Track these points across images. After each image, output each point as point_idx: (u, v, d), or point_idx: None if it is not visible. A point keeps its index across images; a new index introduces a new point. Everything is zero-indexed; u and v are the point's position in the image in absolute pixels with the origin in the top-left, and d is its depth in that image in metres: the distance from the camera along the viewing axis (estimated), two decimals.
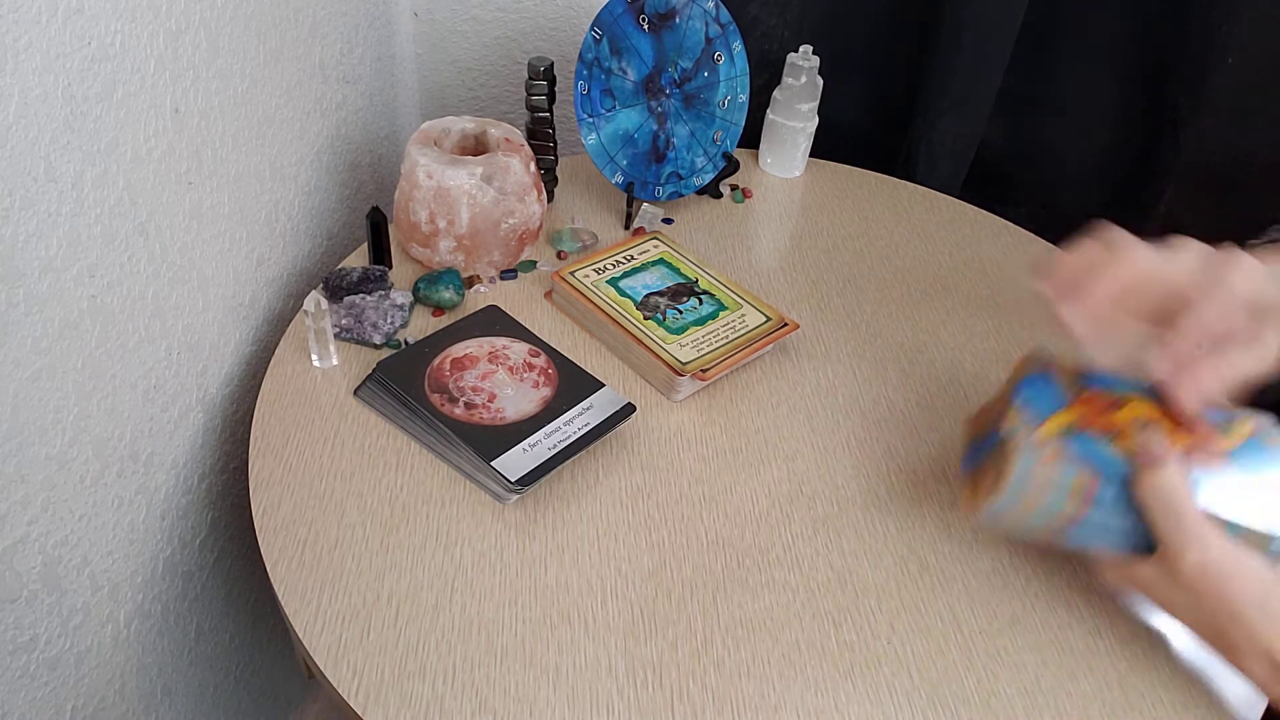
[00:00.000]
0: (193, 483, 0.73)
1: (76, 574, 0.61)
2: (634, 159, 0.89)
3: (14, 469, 0.53)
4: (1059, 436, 0.52)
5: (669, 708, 0.53)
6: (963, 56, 0.96)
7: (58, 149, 0.51)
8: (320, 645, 0.55)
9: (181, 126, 0.63)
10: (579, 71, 0.84)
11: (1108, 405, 0.53)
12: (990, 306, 0.85)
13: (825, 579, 0.61)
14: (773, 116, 0.97)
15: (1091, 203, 1.07)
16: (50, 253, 0.52)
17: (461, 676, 0.54)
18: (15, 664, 0.57)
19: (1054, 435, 0.52)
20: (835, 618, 0.59)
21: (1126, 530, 0.52)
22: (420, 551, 0.60)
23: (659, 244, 0.84)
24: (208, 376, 0.72)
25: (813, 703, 0.54)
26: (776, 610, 0.59)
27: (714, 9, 0.87)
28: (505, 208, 0.78)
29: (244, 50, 0.69)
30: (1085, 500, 0.52)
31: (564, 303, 0.80)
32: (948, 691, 0.55)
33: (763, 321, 0.77)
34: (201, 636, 0.79)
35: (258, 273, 0.77)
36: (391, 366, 0.69)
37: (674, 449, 0.69)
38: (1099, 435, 0.52)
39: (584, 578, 0.60)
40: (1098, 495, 0.51)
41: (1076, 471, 0.52)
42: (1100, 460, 0.52)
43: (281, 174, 0.78)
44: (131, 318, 0.61)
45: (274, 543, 0.60)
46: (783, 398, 0.74)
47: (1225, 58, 0.91)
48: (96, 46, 0.53)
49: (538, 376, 0.70)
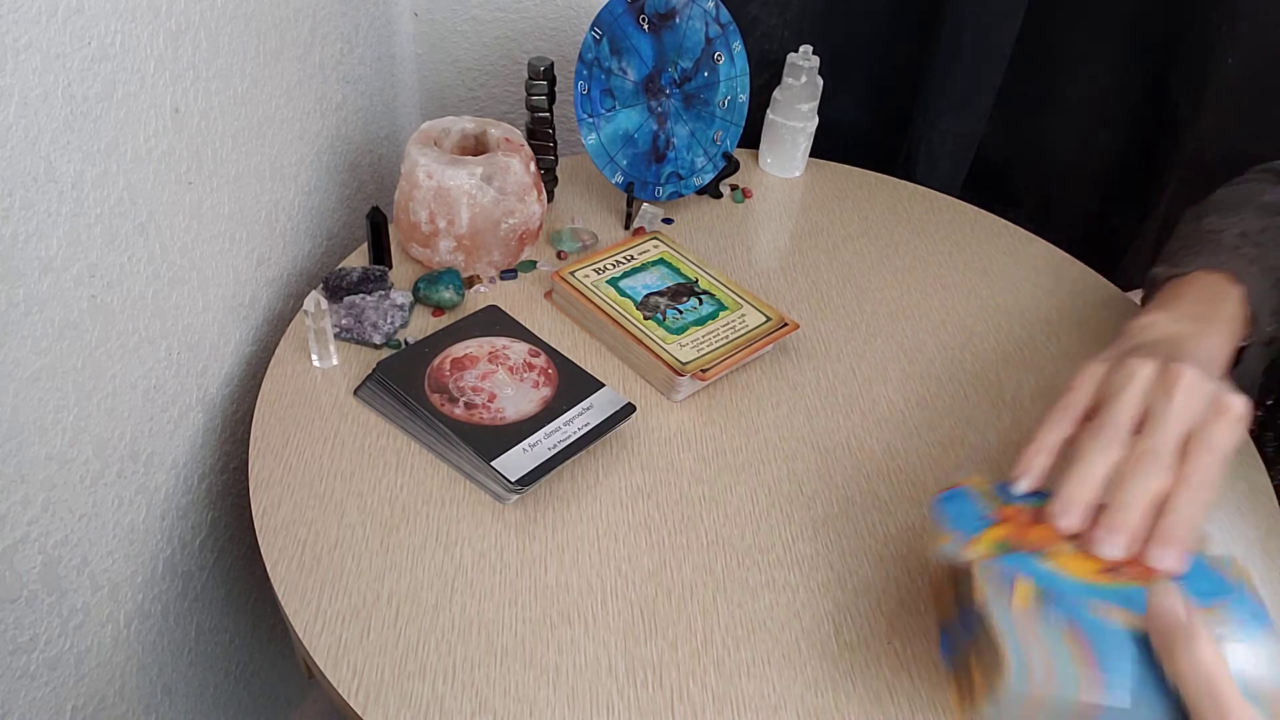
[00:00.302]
0: (193, 483, 0.73)
1: (76, 574, 0.61)
2: (634, 159, 0.89)
3: (14, 469, 0.53)
4: (993, 548, 0.48)
5: (669, 708, 0.53)
6: (963, 56, 0.96)
7: (58, 149, 0.51)
8: (320, 645, 0.55)
9: (181, 126, 0.63)
10: (579, 71, 0.84)
11: (1029, 519, 0.50)
12: (990, 306, 0.85)
13: (825, 579, 0.61)
14: (773, 116, 0.97)
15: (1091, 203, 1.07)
16: (50, 253, 0.52)
17: (461, 676, 0.54)
18: (15, 664, 0.57)
19: (987, 548, 0.48)
20: (835, 618, 0.59)
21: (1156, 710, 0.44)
22: (420, 551, 0.60)
23: (659, 244, 0.84)
24: (208, 376, 0.72)
25: (813, 703, 0.54)
26: (776, 610, 0.59)
27: (714, 9, 0.87)
28: (505, 208, 0.78)
29: (244, 50, 0.69)
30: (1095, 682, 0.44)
31: (564, 303, 0.80)
32: (948, 691, 0.55)
33: (763, 321, 0.77)
34: (201, 636, 0.79)
35: (258, 273, 0.77)
36: (391, 366, 0.69)
37: (674, 449, 0.69)
38: (1032, 552, 0.48)
39: (584, 578, 0.60)
40: (1107, 681, 0.44)
41: (1063, 634, 0.45)
42: (1080, 616, 0.45)
43: (281, 174, 0.78)
44: (131, 318, 0.61)
45: (274, 543, 0.60)
46: (783, 398, 0.74)
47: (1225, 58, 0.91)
48: (96, 46, 0.53)
49: (538, 376, 0.70)
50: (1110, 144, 1.02)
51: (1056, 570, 0.47)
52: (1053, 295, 0.87)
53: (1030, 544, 0.49)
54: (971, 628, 0.48)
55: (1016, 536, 0.49)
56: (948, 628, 0.52)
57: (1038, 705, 0.44)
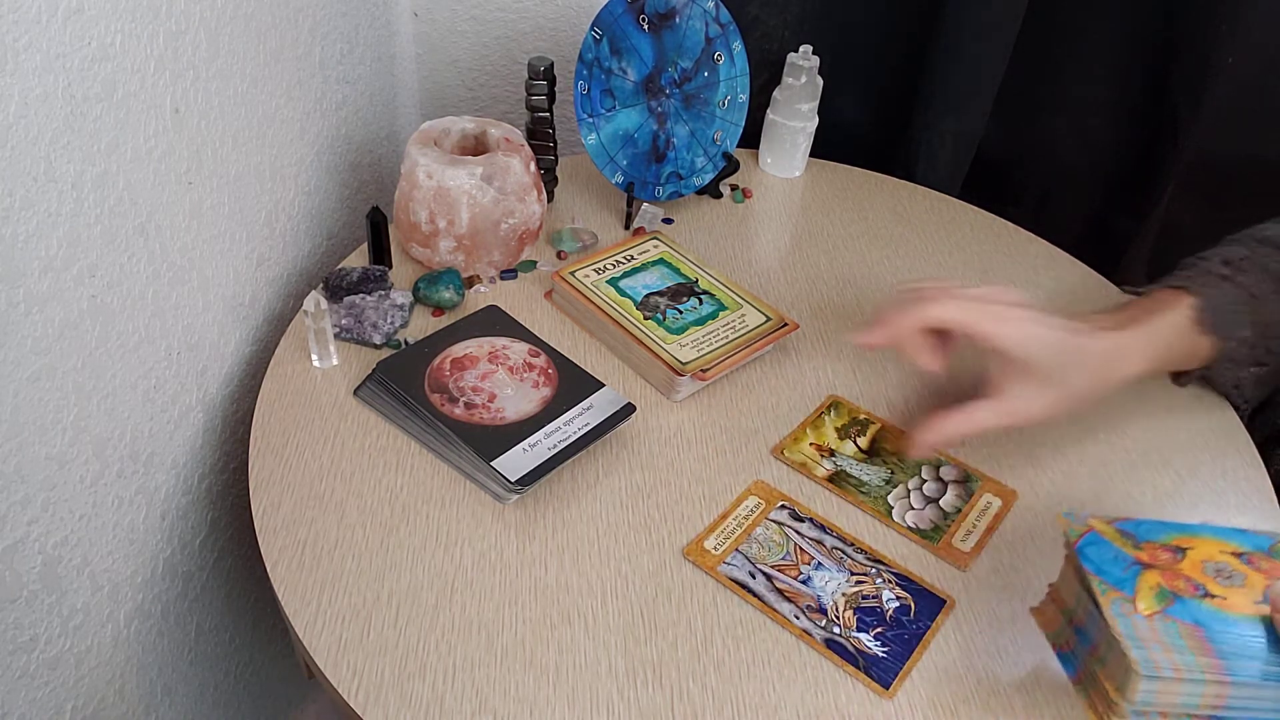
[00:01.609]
0: (193, 483, 0.73)
1: (76, 574, 0.61)
2: (634, 159, 0.89)
3: (14, 469, 0.53)
4: (1156, 601, 0.51)
5: (669, 708, 0.53)
6: (962, 56, 0.96)
7: (58, 149, 0.51)
8: (320, 645, 0.55)
9: (181, 126, 0.63)
10: (579, 71, 0.84)
11: (1170, 556, 0.53)
12: None
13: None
14: (773, 116, 0.97)
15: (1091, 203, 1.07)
16: (50, 253, 0.52)
17: (461, 676, 0.54)
18: (15, 664, 0.57)
19: (1151, 602, 0.51)
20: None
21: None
22: (420, 551, 0.60)
23: (659, 244, 0.84)
24: (208, 376, 0.72)
25: (813, 703, 0.54)
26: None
27: (714, 9, 0.87)
28: (505, 208, 0.78)
29: (244, 50, 0.69)
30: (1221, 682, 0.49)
31: (564, 303, 0.80)
32: (948, 691, 0.55)
33: (763, 321, 0.77)
34: (201, 636, 0.79)
35: (258, 273, 0.77)
36: (391, 366, 0.69)
37: (674, 449, 0.69)
38: (1190, 594, 0.51)
39: (584, 578, 0.60)
40: (1231, 671, 0.49)
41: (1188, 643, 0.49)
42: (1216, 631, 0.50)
43: (281, 174, 0.78)
44: (131, 318, 0.61)
45: (274, 543, 0.60)
46: (783, 398, 0.74)
47: (1225, 58, 0.91)
48: (96, 46, 0.53)
49: (538, 376, 0.70)
50: (1110, 144, 1.02)
51: (1221, 612, 0.50)
52: (1053, 295, 0.87)
53: (1185, 583, 0.52)
54: (1091, 641, 0.52)
55: (1170, 579, 0.52)
56: (1064, 648, 0.55)
57: (1172, 697, 0.48)
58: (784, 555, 0.61)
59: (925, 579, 0.61)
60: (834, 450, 0.69)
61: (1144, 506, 0.67)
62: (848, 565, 0.61)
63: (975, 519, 0.65)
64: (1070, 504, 0.67)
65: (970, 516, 0.65)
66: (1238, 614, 0.50)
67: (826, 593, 0.59)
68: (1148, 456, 0.71)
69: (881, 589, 0.60)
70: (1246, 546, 0.54)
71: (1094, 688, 0.52)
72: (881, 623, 0.58)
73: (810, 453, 0.69)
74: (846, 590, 0.59)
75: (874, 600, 0.59)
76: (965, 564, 0.62)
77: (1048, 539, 0.64)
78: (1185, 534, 0.55)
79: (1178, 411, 0.75)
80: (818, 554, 0.61)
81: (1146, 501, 0.68)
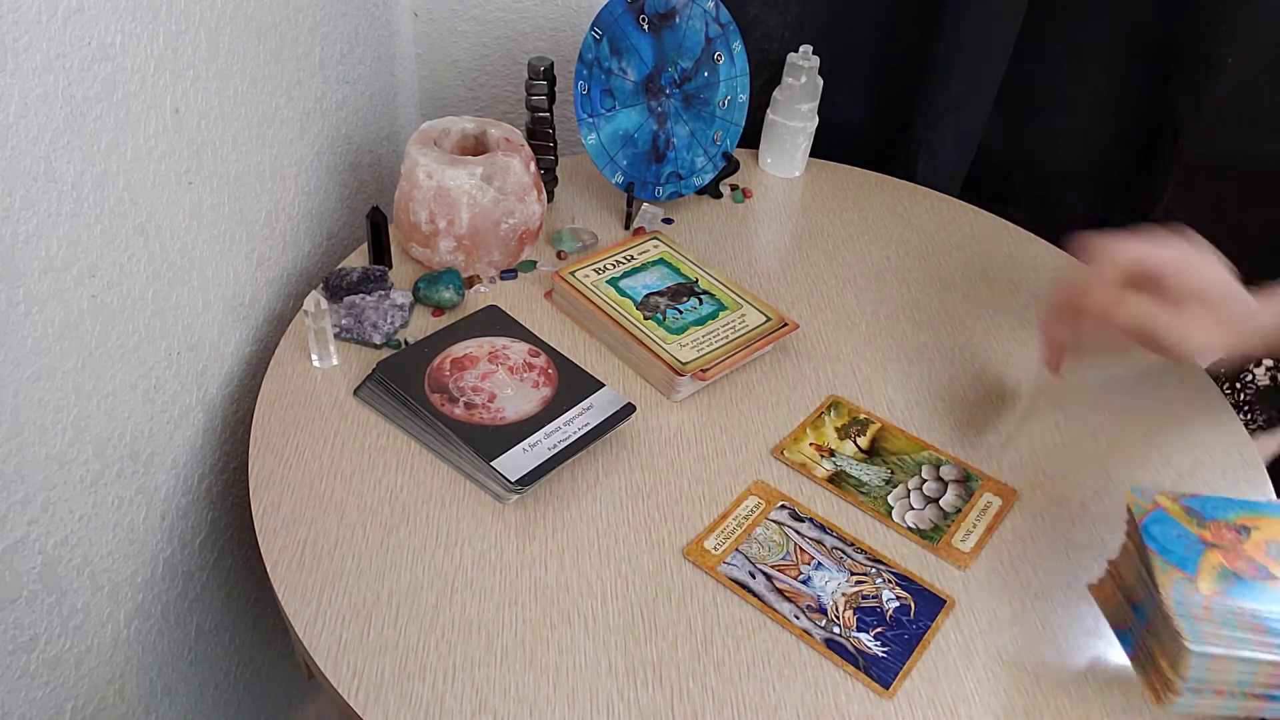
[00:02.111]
0: (193, 483, 0.73)
1: (76, 574, 0.61)
2: (634, 159, 0.89)
3: (14, 469, 0.53)
4: (1217, 582, 0.51)
5: (669, 708, 0.53)
6: (963, 56, 0.96)
7: (58, 149, 0.51)
8: (320, 645, 0.55)
9: (181, 126, 0.63)
10: (579, 71, 0.84)
11: (1235, 536, 0.53)
12: (991, 306, 0.85)
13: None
14: (773, 116, 0.97)
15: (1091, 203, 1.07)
16: (50, 253, 0.52)
17: (461, 676, 0.54)
18: (15, 664, 0.57)
19: (1212, 582, 0.51)
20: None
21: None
22: (420, 551, 0.60)
23: (659, 244, 0.84)
24: (208, 376, 0.72)
25: (813, 703, 0.54)
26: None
27: (714, 9, 0.87)
28: (505, 208, 0.78)
29: (244, 50, 0.69)
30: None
31: (564, 303, 0.80)
32: (948, 691, 0.55)
33: (763, 321, 0.77)
34: (201, 636, 0.79)
35: (258, 273, 0.77)
36: (391, 366, 0.69)
37: (674, 449, 0.69)
38: (1251, 576, 0.52)
39: (584, 578, 0.60)
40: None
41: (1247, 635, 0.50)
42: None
43: (281, 174, 0.78)
44: (131, 318, 0.61)
45: (274, 543, 0.60)
46: (783, 398, 0.74)
47: (1225, 58, 0.91)
48: (96, 46, 0.53)
49: (538, 376, 0.70)
50: (1110, 144, 1.02)
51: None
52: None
53: (1246, 564, 0.52)
54: (1148, 619, 0.52)
55: (1232, 559, 0.52)
56: (1121, 626, 0.55)
57: (1227, 674, 0.49)
58: (784, 555, 0.61)
59: (925, 579, 0.61)
60: (834, 450, 0.69)
61: None
62: (848, 565, 0.61)
63: (975, 519, 0.65)
64: (1070, 504, 0.67)
65: (970, 516, 0.65)
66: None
67: (826, 593, 0.59)
68: (1148, 456, 0.71)
69: (881, 589, 0.60)
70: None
71: (1151, 665, 0.52)
72: (881, 623, 0.58)
73: (810, 453, 0.69)
74: (847, 590, 0.59)
75: (874, 600, 0.59)
76: (965, 564, 0.62)
77: (1048, 539, 0.64)
78: (1252, 513, 0.55)
79: (1178, 411, 0.75)
80: (818, 554, 0.61)
81: None
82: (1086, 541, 0.64)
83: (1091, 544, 0.64)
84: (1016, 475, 0.69)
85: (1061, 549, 0.64)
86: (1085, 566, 0.62)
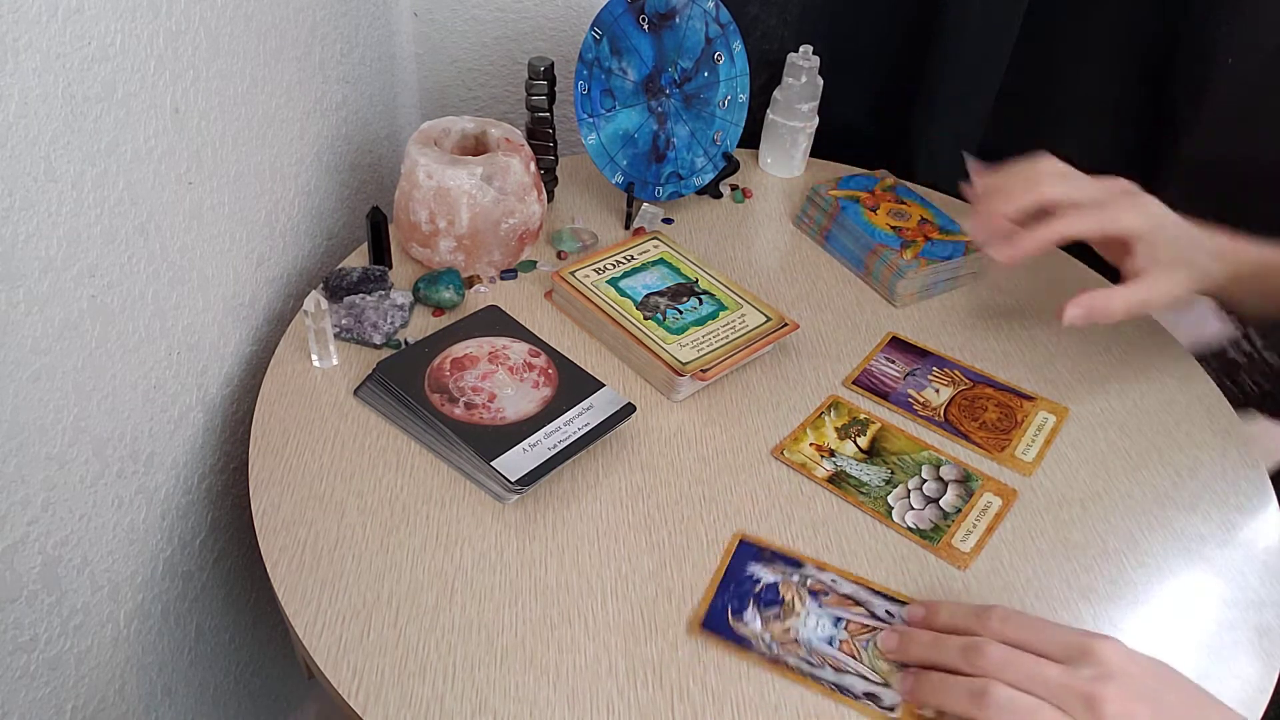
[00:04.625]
0: (193, 483, 0.73)
1: (76, 574, 0.61)
2: (634, 159, 0.89)
3: (14, 469, 0.53)
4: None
5: (669, 708, 0.53)
6: (962, 56, 0.96)
7: (58, 149, 0.51)
8: (320, 645, 0.55)
9: (181, 126, 0.63)
10: (579, 71, 0.84)
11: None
12: (991, 307, 0.85)
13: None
14: (773, 116, 0.97)
15: None
16: (50, 253, 0.52)
17: (461, 676, 0.54)
18: (15, 664, 0.57)
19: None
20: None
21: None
22: (420, 551, 0.60)
23: (659, 244, 0.84)
24: (208, 376, 0.72)
25: (813, 703, 0.54)
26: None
27: (714, 9, 0.87)
28: (505, 208, 0.78)
29: (244, 50, 0.69)
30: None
31: (564, 303, 0.80)
32: None
33: (763, 321, 0.77)
34: (201, 636, 0.79)
35: (258, 273, 0.77)
36: (391, 366, 0.69)
37: (674, 449, 0.69)
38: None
39: (584, 578, 0.60)
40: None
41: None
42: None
43: (281, 174, 0.78)
44: (131, 318, 0.61)
45: (274, 543, 0.60)
46: (783, 398, 0.74)
47: (1225, 58, 0.91)
48: (96, 46, 0.53)
49: (538, 376, 0.70)
50: (1110, 144, 1.02)
51: None
52: (1053, 295, 0.87)
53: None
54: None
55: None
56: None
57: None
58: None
59: (923, 581, 0.61)
60: (834, 450, 0.69)
61: (1144, 506, 0.67)
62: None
63: (975, 519, 0.65)
64: (1070, 504, 0.67)
65: (970, 516, 0.65)
66: None
67: (820, 639, 0.57)
68: (1148, 456, 0.71)
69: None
70: None
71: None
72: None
73: (810, 453, 0.69)
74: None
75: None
76: (965, 564, 0.62)
77: (1048, 539, 0.64)
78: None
79: (1178, 411, 0.76)
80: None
81: (1147, 501, 0.68)
82: (1086, 541, 0.65)
83: (1091, 544, 0.64)
84: (1017, 475, 0.69)
85: (1061, 549, 0.64)
86: (1085, 566, 0.63)
